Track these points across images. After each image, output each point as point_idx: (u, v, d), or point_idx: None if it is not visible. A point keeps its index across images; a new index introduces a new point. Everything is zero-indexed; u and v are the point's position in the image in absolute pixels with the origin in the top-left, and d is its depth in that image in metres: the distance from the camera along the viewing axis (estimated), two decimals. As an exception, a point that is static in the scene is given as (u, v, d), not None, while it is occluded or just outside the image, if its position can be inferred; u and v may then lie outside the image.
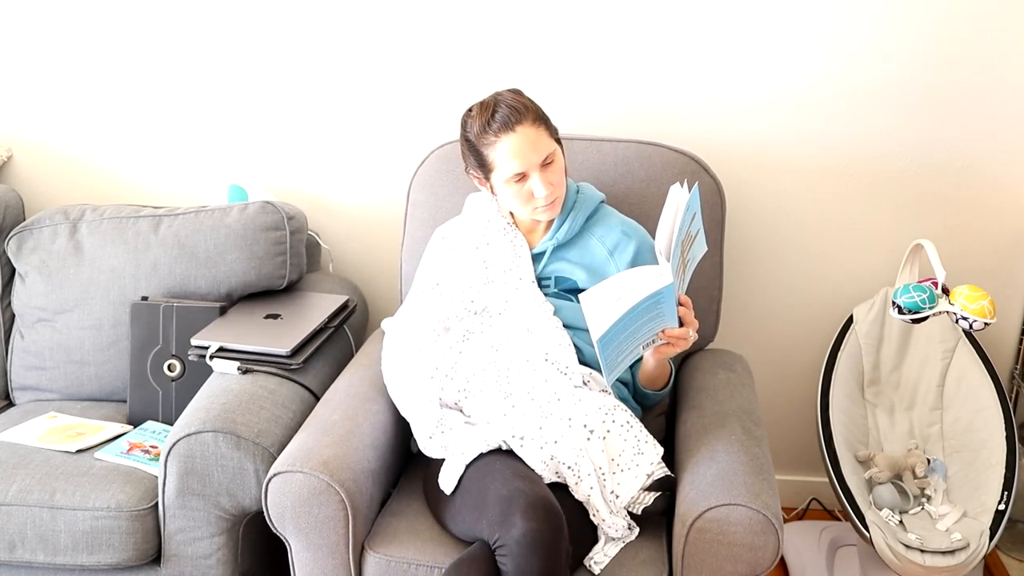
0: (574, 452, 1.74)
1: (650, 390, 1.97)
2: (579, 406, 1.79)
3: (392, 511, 1.87)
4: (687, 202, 1.65)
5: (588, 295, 1.66)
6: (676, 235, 1.64)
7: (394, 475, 1.97)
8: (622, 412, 1.81)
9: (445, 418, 1.87)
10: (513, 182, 1.85)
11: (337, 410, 1.89)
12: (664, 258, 1.65)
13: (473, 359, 1.92)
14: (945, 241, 2.31)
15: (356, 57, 2.38)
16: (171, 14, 2.40)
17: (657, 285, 1.63)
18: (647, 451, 1.78)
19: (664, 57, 2.30)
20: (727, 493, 1.66)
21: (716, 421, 1.89)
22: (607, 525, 1.74)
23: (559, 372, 1.87)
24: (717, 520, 1.64)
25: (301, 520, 1.73)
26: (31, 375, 2.32)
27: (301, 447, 1.77)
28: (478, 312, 1.95)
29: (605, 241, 1.97)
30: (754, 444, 1.81)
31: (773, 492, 1.69)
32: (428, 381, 1.90)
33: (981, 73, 2.24)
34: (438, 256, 2.03)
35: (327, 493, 1.71)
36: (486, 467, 1.73)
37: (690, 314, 1.76)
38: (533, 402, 1.83)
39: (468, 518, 1.71)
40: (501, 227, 1.99)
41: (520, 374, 1.88)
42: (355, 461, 1.77)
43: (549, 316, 1.92)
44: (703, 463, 1.76)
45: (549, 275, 1.97)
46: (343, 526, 1.73)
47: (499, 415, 1.85)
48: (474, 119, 1.87)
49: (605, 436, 1.77)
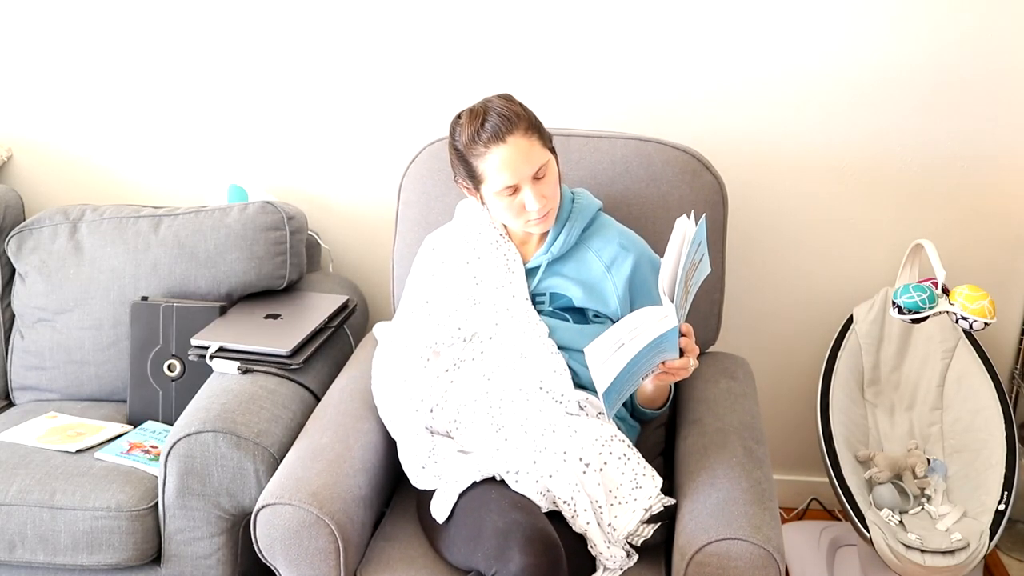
0: (569, 487, 1.67)
1: (648, 408, 1.92)
2: (574, 438, 1.71)
3: (385, 535, 1.82)
4: (693, 235, 1.58)
5: (592, 350, 1.60)
6: (681, 272, 1.58)
7: (386, 495, 1.92)
8: (619, 443, 1.74)
9: (437, 447, 1.81)
10: (504, 195, 1.77)
11: (327, 431, 1.84)
12: (667, 299, 1.58)
13: (464, 389, 1.85)
14: (945, 241, 2.31)
15: (356, 56, 2.38)
16: (171, 14, 2.40)
17: (661, 330, 1.58)
18: (645, 484, 1.70)
19: (664, 53, 2.29)
20: (727, 526, 1.60)
21: (717, 440, 1.84)
22: (605, 557, 1.68)
23: (554, 400, 1.80)
24: (717, 555, 1.59)
25: (291, 552, 1.68)
26: (31, 375, 2.32)
27: (290, 476, 1.72)
28: (467, 339, 1.87)
29: (602, 255, 1.90)
30: (755, 467, 1.76)
31: (775, 523, 1.64)
32: (413, 414, 1.84)
33: (982, 73, 2.24)
34: (428, 270, 1.96)
35: (317, 526, 1.66)
36: (481, 496, 1.67)
37: (691, 342, 1.68)
38: (526, 435, 1.76)
39: (464, 549, 1.65)
40: (493, 239, 1.91)
41: (513, 405, 1.81)
42: (345, 489, 1.72)
43: (543, 340, 1.84)
44: (703, 490, 1.71)
45: (544, 291, 1.90)
46: (334, 558, 1.68)
47: (491, 450, 1.78)
48: (463, 127, 1.77)
49: (602, 468, 1.70)
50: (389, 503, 1.94)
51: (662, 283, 1.59)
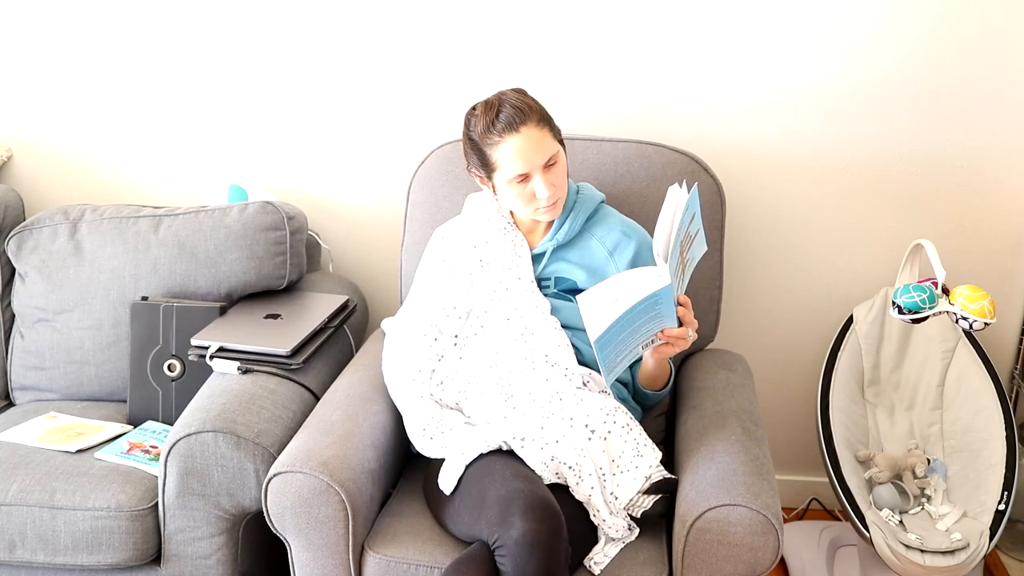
0: (575, 452, 1.74)
1: (650, 390, 1.97)
2: (580, 406, 1.79)
3: (392, 511, 1.87)
4: (686, 202, 1.65)
5: (585, 296, 1.66)
6: (675, 236, 1.64)
7: (394, 475, 1.97)
8: (622, 414, 1.81)
9: (445, 418, 1.87)
10: (515, 183, 1.85)
11: (337, 410, 1.89)
12: (662, 259, 1.65)
13: (473, 362, 1.92)
14: (945, 241, 2.31)
15: (356, 57, 2.38)
16: (171, 14, 2.40)
17: (655, 287, 1.63)
18: (646, 454, 1.77)
19: (664, 57, 2.30)
20: (727, 493, 1.66)
21: (716, 421, 1.89)
22: (607, 525, 1.74)
23: (560, 374, 1.87)
24: (717, 520, 1.64)
25: (301, 520, 1.73)
26: (31, 375, 2.32)
27: (301, 447, 1.77)
28: (462, 316, 1.95)
29: (605, 241, 1.97)
30: (754, 444, 1.81)
31: (773, 492, 1.69)
32: (410, 383, 1.91)
33: (981, 73, 2.24)
34: (438, 257, 2.03)
35: (327, 493, 1.71)
36: (486, 467, 1.73)
37: (689, 314, 1.76)
38: (535, 403, 1.83)
39: (467, 518, 1.71)
40: (501, 226, 1.99)
41: (521, 375, 1.88)
42: (355, 461, 1.77)
43: (547, 316, 1.92)
44: (703, 463, 1.76)
45: (549, 276, 1.97)
46: (343, 526, 1.72)
47: (499, 417, 1.85)
48: (478, 118, 1.86)
49: (606, 437, 1.77)
50: (396, 485, 1.98)
51: (656, 245, 1.67)
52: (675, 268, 1.67)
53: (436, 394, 1.92)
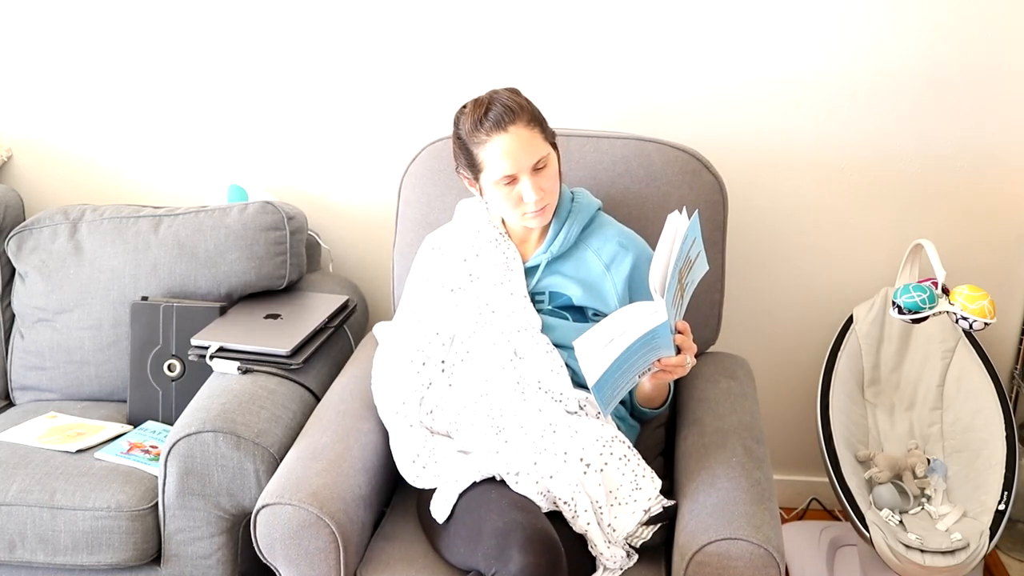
0: (570, 488, 1.67)
1: (647, 408, 1.92)
2: (575, 439, 1.71)
3: (385, 535, 1.82)
4: (685, 230, 1.59)
5: (581, 342, 1.61)
6: (672, 267, 1.58)
7: (386, 495, 1.92)
8: (619, 444, 1.74)
9: (437, 447, 1.81)
10: (502, 184, 1.79)
11: (327, 431, 1.84)
12: (659, 295, 1.59)
13: (463, 391, 1.85)
14: (945, 241, 2.31)
15: (356, 56, 2.38)
16: (171, 14, 2.40)
17: (651, 324, 1.58)
18: (645, 486, 1.70)
19: (664, 53, 2.29)
20: (728, 526, 1.61)
21: (717, 440, 1.84)
22: (605, 557, 1.68)
23: (553, 400, 1.80)
24: (717, 555, 1.59)
25: (291, 552, 1.68)
26: (31, 375, 2.32)
27: (290, 476, 1.72)
28: (445, 343, 1.88)
29: (601, 254, 1.91)
30: (755, 467, 1.76)
31: (775, 522, 1.64)
32: (394, 416, 1.85)
33: (983, 72, 2.24)
34: (425, 273, 1.97)
35: (317, 526, 1.66)
36: (481, 496, 1.67)
37: (688, 339, 1.68)
38: (526, 436, 1.75)
39: (463, 549, 1.65)
40: (492, 237, 1.92)
41: (512, 406, 1.80)
42: (345, 489, 1.72)
43: (536, 337, 1.85)
44: (703, 490, 1.71)
45: (543, 290, 1.91)
46: (334, 557, 1.68)
47: (491, 452, 1.77)
48: (467, 116, 1.81)
49: (602, 469, 1.70)
50: (389, 503, 1.94)
51: (652, 279, 1.61)
52: (672, 298, 1.61)
53: (426, 422, 1.86)
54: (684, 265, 1.63)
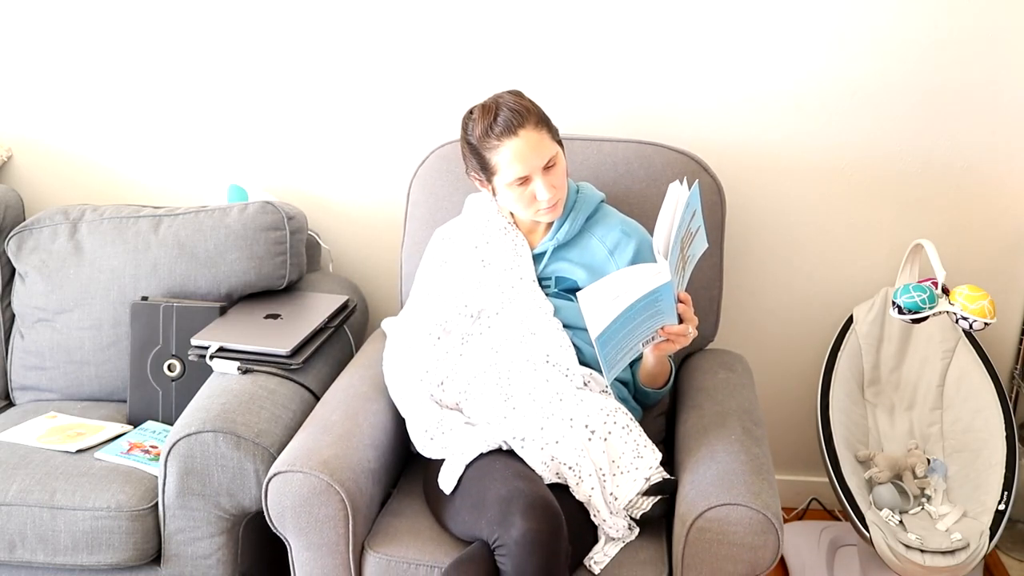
0: (575, 452, 1.74)
1: (650, 388, 1.97)
2: (581, 406, 1.79)
3: (392, 511, 1.87)
4: (686, 199, 1.65)
5: (586, 293, 1.66)
6: (675, 232, 1.64)
7: (394, 475, 1.97)
8: (623, 415, 1.81)
9: (445, 419, 1.87)
10: (516, 185, 1.86)
11: (337, 410, 1.89)
12: (662, 256, 1.65)
13: (473, 362, 1.92)
14: (945, 241, 2.31)
15: (356, 57, 2.38)
16: (171, 14, 2.40)
17: (655, 283, 1.63)
18: (646, 455, 1.78)
19: (664, 57, 2.30)
20: (727, 493, 1.66)
21: (716, 421, 1.89)
22: (608, 525, 1.74)
23: (560, 374, 1.87)
24: (717, 520, 1.64)
25: (301, 520, 1.73)
26: (31, 375, 2.32)
27: (301, 446, 1.77)
28: (473, 316, 1.95)
29: (605, 241, 1.97)
30: (754, 444, 1.81)
31: (773, 492, 1.69)
32: (417, 384, 1.91)
33: (982, 73, 2.24)
34: (439, 258, 2.03)
35: (327, 493, 1.71)
36: (486, 467, 1.73)
37: (690, 311, 1.76)
38: (534, 403, 1.83)
39: (467, 518, 1.71)
40: (501, 226, 1.99)
41: (521, 375, 1.88)
42: (355, 461, 1.77)
43: (549, 317, 1.92)
44: (703, 463, 1.76)
45: (550, 275, 1.98)
46: (343, 526, 1.73)
47: (499, 418, 1.85)
48: (476, 122, 1.86)
49: (606, 437, 1.77)
50: (396, 485, 1.98)
51: (656, 242, 1.67)
52: (675, 265, 1.67)
53: (436, 395, 1.92)
54: (685, 236, 1.69)
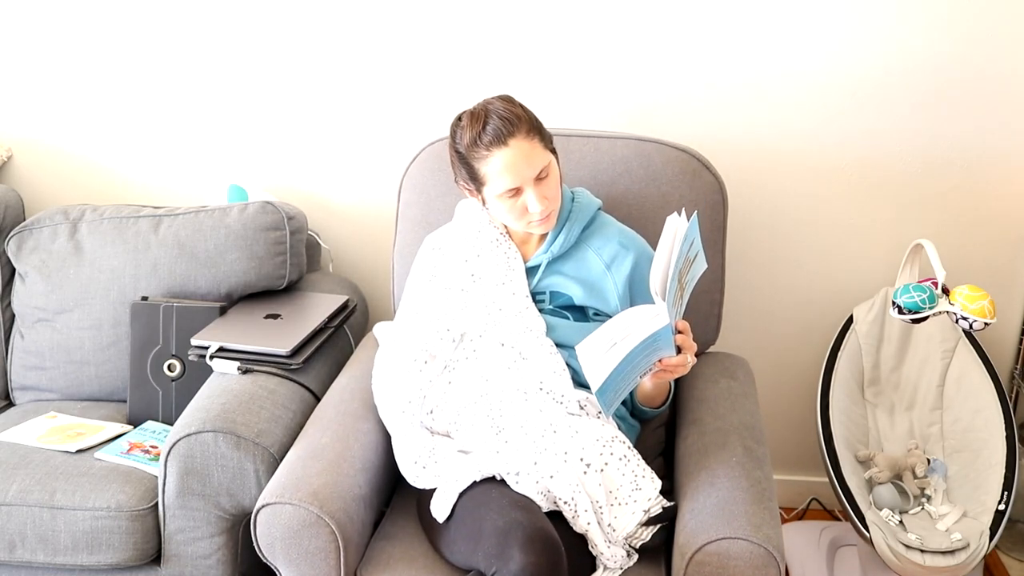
0: (570, 488, 1.67)
1: (648, 407, 1.92)
2: (575, 439, 1.71)
3: (386, 534, 1.82)
4: (685, 232, 1.58)
5: (584, 348, 1.60)
6: (672, 268, 1.58)
7: (387, 495, 1.92)
8: (620, 444, 1.73)
9: (437, 447, 1.81)
10: (506, 197, 1.77)
11: (327, 431, 1.84)
12: (659, 298, 1.59)
13: (463, 391, 1.84)
14: (945, 241, 2.31)
15: (356, 56, 2.38)
16: (171, 14, 2.40)
17: (653, 328, 1.58)
18: (645, 486, 1.70)
19: (664, 53, 2.29)
20: (727, 525, 1.60)
21: (717, 440, 1.84)
22: (606, 557, 1.68)
23: (554, 401, 1.80)
24: (717, 554, 1.59)
25: (291, 552, 1.68)
26: (31, 375, 2.32)
27: (290, 475, 1.72)
28: (456, 340, 1.87)
29: (602, 254, 1.90)
30: (755, 467, 1.76)
31: (775, 522, 1.64)
32: (399, 416, 1.85)
33: (983, 72, 2.24)
34: (428, 272, 1.97)
35: (317, 525, 1.66)
36: (482, 495, 1.67)
37: (688, 339, 1.68)
38: (527, 436, 1.75)
39: (464, 548, 1.65)
40: (493, 238, 1.91)
41: (512, 406, 1.80)
42: (346, 488, 1.72)
43: (541, 339, 1.84)
44: (703, 490, 1.71)
45: (544, 290, 1.90)
46: (334, 557, 1.68)
47: (491, 452, 1.77)
48: (464, 130, 1.77)
49: (603, 469, 1.70)
50: (389, 503, 1.94)
51: (653, 282, 1.60)
52: (673, 299, 1.61)
53: (426, 422, 1.86)
54: (684, 265, 1.62)
